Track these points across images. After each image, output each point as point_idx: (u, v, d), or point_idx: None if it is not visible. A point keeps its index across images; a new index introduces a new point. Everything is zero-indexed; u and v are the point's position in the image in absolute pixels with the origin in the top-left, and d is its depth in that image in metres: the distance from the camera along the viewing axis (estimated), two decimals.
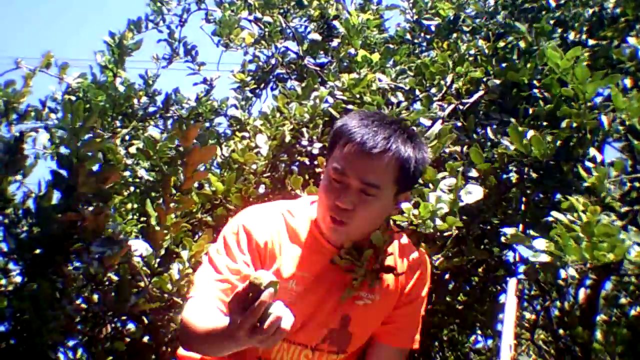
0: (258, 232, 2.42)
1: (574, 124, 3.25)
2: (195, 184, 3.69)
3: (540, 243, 2.81)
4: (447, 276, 4.09)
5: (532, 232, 2.97)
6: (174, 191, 3.15)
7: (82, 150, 2.99)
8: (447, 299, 4.23)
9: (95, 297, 3.13)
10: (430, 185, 2.77)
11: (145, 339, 3.20)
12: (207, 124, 4.99)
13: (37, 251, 3.06)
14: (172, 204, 3.16)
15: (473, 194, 2.82)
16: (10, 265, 3.63)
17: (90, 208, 3.01)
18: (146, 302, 3.11)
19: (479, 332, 5.11)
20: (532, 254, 2.83)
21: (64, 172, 3.04)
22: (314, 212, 2.50)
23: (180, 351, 2.66)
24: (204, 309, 2.28)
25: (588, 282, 4.60)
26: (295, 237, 2.46)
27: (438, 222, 2.56)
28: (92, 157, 2.99)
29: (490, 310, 4.63)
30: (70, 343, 3.53)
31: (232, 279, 2.34)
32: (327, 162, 2.46)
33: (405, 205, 2.48)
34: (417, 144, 2.41)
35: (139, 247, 3.13)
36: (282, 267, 2.41)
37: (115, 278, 3.17)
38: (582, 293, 4.94)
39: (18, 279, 3.68)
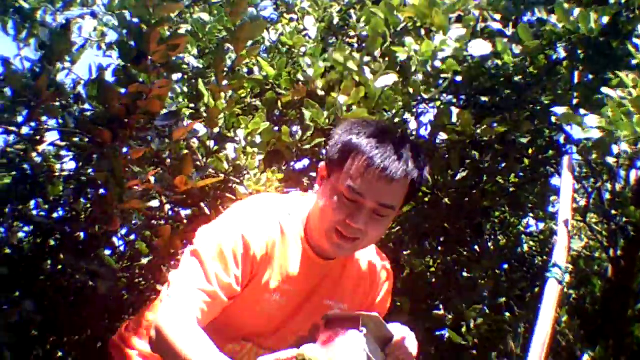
0: (256, 244, 2.34)
1: (623, 0, 3.25)
2: (245, 70, 3.78)
3: (592, 120, 2.88)
4: (498, 158, 4.16)
5: (582, 111, 3.03)
6: (225, 70, 3.20)
7: (156, 13, 2.98)
8: (498, 179, 4.29)
9: (152, 178, 3.23)
10: (441, 32, 2.87)
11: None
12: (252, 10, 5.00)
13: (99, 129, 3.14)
14: (224, 82, 3.23)
15: (480, 48, 2.91)
16: (63, 152, 3.80)
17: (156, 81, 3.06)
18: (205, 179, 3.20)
19: (530, 215, 5.17)
20: (584, 131, 2.89)
21: (131, 43, 3.07)
22: (301, 218, 2.47)
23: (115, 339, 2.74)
24: (191, 330, 2.18)
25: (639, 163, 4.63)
26: (287, 250, 2.43)
27: (437, 63, 2.62)
28: (166, 21, 3.01)
29: (542, 192, 4.70)
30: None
31: (219, 293, 2.27)
32: (334, 175, 2.36)
33: (408, 40, 2.49)
34: (423, 159, 2.39)
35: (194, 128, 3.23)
36: (271, 279, 2.40)
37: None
38: (633, 174, 4.99)
39: (72, 165, 3.86)
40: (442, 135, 3.72)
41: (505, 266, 4.59)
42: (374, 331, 2.34)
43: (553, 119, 3.71)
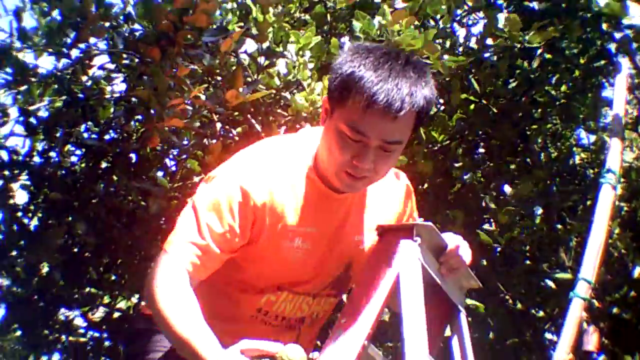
0: (256, 192, 2.24)
1: None
2: None
3: (636, 9, 2.80)
4: (548, 67, 4.12)
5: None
6: None
7: None
8: (549, 89, 4.27)
9: (202, 96, 3.26)
10: None
11: None
12: None
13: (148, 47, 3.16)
14: None
15: None
16: (113, 74, 3.85)
17: None
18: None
19: (582, 127, 5.13)
20: (626, 19, 2.80)
21: None
22: (309, 155, 2.36)
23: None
24: (179, 295, 2.16)
25: None
26: (296, 190, 2.32)
27: None
28: None
29: (593, 103, 4.66)
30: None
31: (212, 246, 2.21)
32: (337, 112, 2.23)
33: None
34: (428, 81, 2.25)
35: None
36: (287, 224, 2.30)
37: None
38: None
39: (122, 87, 3.91)
40: (490, 41, 3.67)
41: (557, 179, 4.58)
42: (428, 240, 2.36)
43: (595, 8, 3.61)
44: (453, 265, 2.44)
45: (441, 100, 4.12)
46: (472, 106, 4.04)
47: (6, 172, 3.87)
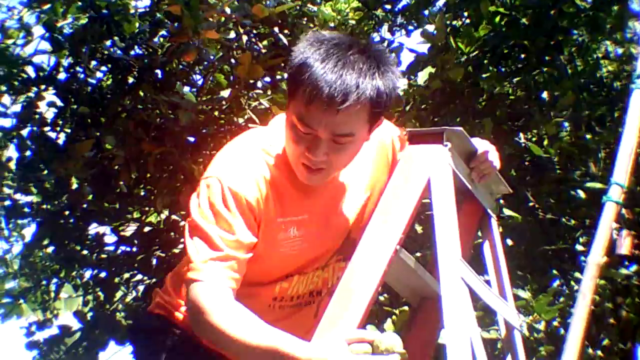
0: (246, 190, 2.21)
1: None
2: None
3: None
4: None
5: None
6: None
7: None
8: (577, 1, 4.23)
9: (228, 9, 3.26)
10: None
11: None
12: None
13: None
14: None
15: None
16: None
17: None
18: None
19: (608, 41, 5.10)
20: None
21: None
22: (281, 146, 2.31)
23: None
24: (243, 313, 2.13)
25: None
26: (278, 182, 2.28)
27: None
28: None
29: (620, 15, 4.62)
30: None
31: (233, 253, 2.18)
32: (290, 102, 2.21)
33: None
34: (385, 69, 2.17)
35: None
36: (278, 216, 2.27)
37: None
38: None
39: (147, 1, 3.91)
40: None
41: (584, 90, 4.57)
42: (458, 145, 2.38)
43: None
44: (484, 170, 2.47)
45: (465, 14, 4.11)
46: (497, 18, 4.02)
47: (33, 88, 3.91)
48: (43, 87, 3.92)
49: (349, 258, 2.37)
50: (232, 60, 3.73)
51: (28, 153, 3.88)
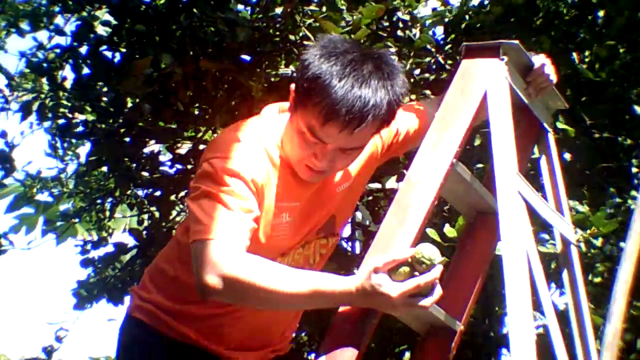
0: (250, 173, 2.21)
1: None
2: None
3: None
4: None
5: None
6: None
7: None
8: None
9: None
10: None
11: None
12: None
13: None
14: None
15: None
16: None
17: None
18: None
19: None
20: None
21: None
22: (277, 137, 2.34)
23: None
24: (262, 262, 2.10)
25: None
26: (277, 169, 2.32)
27: None
28: None
29: None
30: None
31: (244, 216, 2.16)
32: (300, 109, 2.22)
33: None
34: (395, 82, 2.21)
35: None
36: (272, 203, 2.29)
37: None
38: None
39: None
40: None
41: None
42: (514, 59, 2.40)
43: None
44: (540, 84, 2.49)
45: None
46: None
47: (87, 7, 3.94)
48: (97, 5, 3.95)
49: (332, 234, 2.49)
50: None
51: (85, 71, 3.93)
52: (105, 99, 4.03)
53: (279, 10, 3.64)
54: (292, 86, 2.26)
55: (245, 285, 2.05)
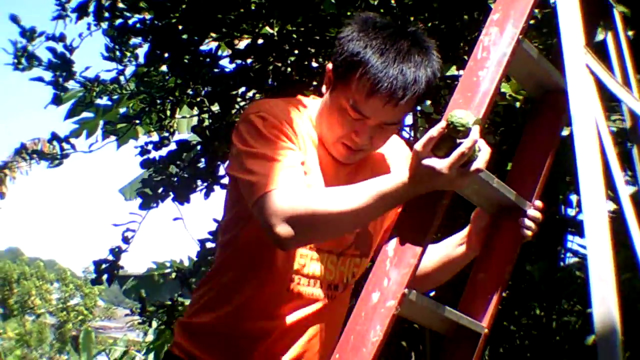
0: (291, 122, 2.32)
1: None
2: None
3: None
4: None
5: None
6: None
7: None
8: None
9: None
10: None
11: None
12: None
13: None
14: None
15: None
16: None
17: None
18: None
19: None
20: None
21: None
22: (313, 116, 2.41)
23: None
24: (323, 190, 2.24)
25: None
26: (317, 145, 2.39)
27: None
28: None
29: None
30: None
31: (294, 163, 2.24)
32: (339, 88, 2.29)
33: None
34: (431, 57, 2.28)
35: None
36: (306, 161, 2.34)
37: None
38: None
39: None
40: None
41: None
42: None
43: None
44: None
45: None
46: None
47: None
48: None
49: (365, 254, 2.50)
50: None
51: None
52: None
53: None
54: (329, 65, 2.33)
55: (314, 218, 2.15)
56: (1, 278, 28.99)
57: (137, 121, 5.14)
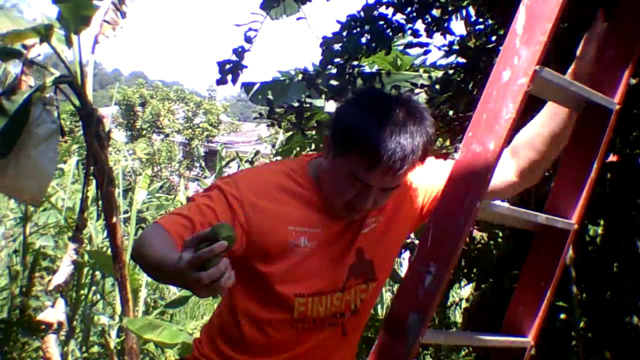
0: (248, 190, 2.47)
1: None
2: None
3: None
4: None
5: None
6: None
7: None
8: None
9: None
10: None
11: None
12: None
13: None
14: None
15: None
16: None
17: None
18: None
19: None
20: None
21: None
22: (313, 172, 2.56)
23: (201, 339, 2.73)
24: (163, 236, 2.32)
25: None
26: (303, 196, 2.52)
27: None
28: None
29: None
30: None
31: (193, 227, 2.36)
32: (339, 157, 2.42)
33: None
34: (425, 123, 2.40)
35: None
36: (288, 226, 2.49)
37: None
38: None
39: None
40: None
41: None
42: None
43: None
44: None
45: None
46: None
47: None
48: None
49: (370, 280, 2.62)
50: None
51: None
52: None
53: None
54: (328, 136, 2.47)
55: (138, 256, 2.35)
56: (126, 103, 29.55)
57: None
